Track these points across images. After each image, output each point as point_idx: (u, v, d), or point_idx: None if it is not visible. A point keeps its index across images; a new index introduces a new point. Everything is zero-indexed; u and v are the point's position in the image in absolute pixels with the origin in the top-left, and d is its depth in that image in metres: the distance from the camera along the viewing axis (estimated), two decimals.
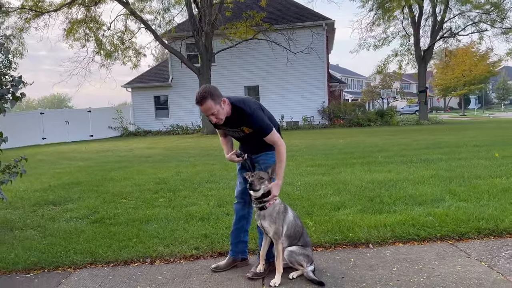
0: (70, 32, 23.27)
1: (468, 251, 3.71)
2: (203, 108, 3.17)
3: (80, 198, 6.70)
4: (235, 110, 3.27)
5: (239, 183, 3.68)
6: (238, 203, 3.70)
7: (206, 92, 3.14)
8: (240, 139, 3.53)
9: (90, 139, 24.66)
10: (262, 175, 3.26)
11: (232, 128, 3.40)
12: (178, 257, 3.96)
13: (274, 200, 3.30)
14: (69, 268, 3.90)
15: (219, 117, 3.23)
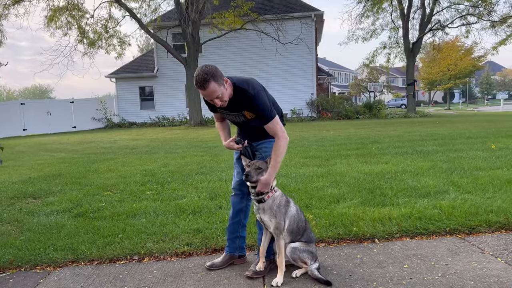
0: (52, 20, 22.46)
1: (481, 246, 3.47)
2: (206, 92, 2.78)
3: (61, 191, 6.30)
4: (238, 92, 2.92)
5: (237, 173, 3.35)
6: (236, 196, 3.37)
7: (208, 74, 2.74)
8: (240, 124, 3.17)
9: (73, 131, 23.99)
10: (260, 164, 2.94)
11: (233, 112, 3.04)
12: (169, 254, 3.64)
13: (273, 193, 3.00)
14: (48, 267, 3.54)
15: (224, 99, 2.85)
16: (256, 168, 2.90)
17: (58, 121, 23.89)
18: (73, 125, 24.65)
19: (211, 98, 2.82)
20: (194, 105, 21.24)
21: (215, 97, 2.80)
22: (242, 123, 3.13)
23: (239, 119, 3.07)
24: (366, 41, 27.98)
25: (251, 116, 2.99)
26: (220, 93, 2.79)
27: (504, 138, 9.93)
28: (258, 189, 2.91)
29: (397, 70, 70.00)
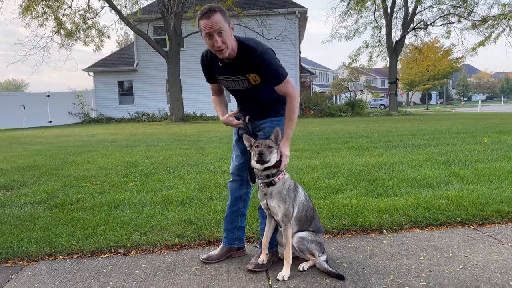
0: (27, 10, 21.55)
1: (497, 237, 3.24)
2: (209, 22, 2.43)
3: (36, 182, 5.83)
4: (243, 49, 2.58)
5: (236, 156, 3.01)
6: (234, 182, 3.03)
7: (215, 6, 2.46)
8: (241, 94, 2.80)
9: (48, 125, 23.09)
10: (269, 143, 2.61)
11: (235, 75, 2.67)
12: (159, 247, 3.28)
13: (283, 175, 2.68)
14: (21, 261, 3.14)
15: (226, 40, 2.49)
16: (268, 147, 2.57)
17: (32, 115, 22.95)
18: (49, 120, 23.74)
19: (213, 30, 2.45)
20: (176, 100, 20.72)
21: (217, 31, 2.44)
22: (243, 92, 2.76)
23: (241, 84, 2.70)
24: (349, 39, 28.03)
25: (255, 81, 2.65)
26: (223, 27, 2.45)
27: (494, 133, 9.91)
28: (285, 152, 2.63)
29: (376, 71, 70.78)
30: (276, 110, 2.81)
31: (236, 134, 2.98)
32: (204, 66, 2.81)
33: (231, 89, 2.82)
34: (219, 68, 2.73)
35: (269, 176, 2.62)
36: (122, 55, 27.66)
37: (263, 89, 2.70)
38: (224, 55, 2.55)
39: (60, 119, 24.03)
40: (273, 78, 2.62)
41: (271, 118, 2.84)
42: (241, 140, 2.87)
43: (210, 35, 2.47)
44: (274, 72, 2.59)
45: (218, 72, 2.77)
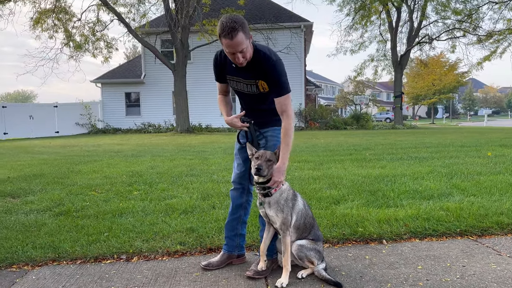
0: (38, 22, 21.96)
1: (496, 248, 3.26)
2: (232, 43, 2.47)
3: (42, 190, 5.92)
4: (257, 55, 2.66)
5: (237, 165, 3.07)
6: (235, 190, 3.09)
7: (237, 22, 2.45)
8: (247, 100, 2.87)
9: (55, 136, 23.35)
10: (270, 156, 2.68)
11: (246, 79, 2.74)
12: (160, 254, 3.33)
13: (281, 185, 2.73)
14: (26, 266, 3.20)
15: (246, 55, 2.57)
16: (267, 160, 2.63)
17: (40, 125, 23.25)
18: (56, 130, 24.01)
19: (235, 51, 2.52)
20: (182, 112, 20.90)
21: (239, 51, 2.52)
22: (250, 97, 2.82)
23: (250, 89, 2.77)
24: (355, 53, 28.20)
25: (263, 89, 2.73)
26: (245, 46, 2.52)
27: (498, 147, 9.89)
28: (275, 179, 2.63)
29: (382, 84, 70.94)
30: (279, 120, 2.84)
31: (239, 143, 3.04)
32: (217, 66, 2.87)
33: (239, 91, 2.86)
34: (232, 69, 2.79)
35: (265, 188, 2.67)
36: (129, 67, 28.00)
37: (269, 98, 2.77)
38: (242, 65, 2.63)
39: (67, 130, 24.29)
40: (277, 89, 2.69)
41: (274, 126, 2.91)
42: (244, 149, 2.94)
43: (233, 53, 2.56)
44: (280, 84, 2.68)
45: (231, 72, 2.82)
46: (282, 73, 2.67)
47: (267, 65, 2.64)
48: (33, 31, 22.31)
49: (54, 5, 21.91)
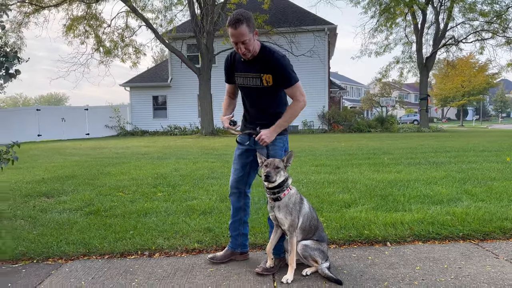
0: (70, 28, 22.97)
1: (495, 252, 3.42)
2: (236, 32, 2.83)
3: (74, 191, 6.37)
4: (264, 51, 2.99)
5: (235, 170, 3.37)
6: (233, 194, 3.40)
7: (243, 16, 2.83)
8: (252, 96, 3.15)
9: (86, 137, 24.27)
10: (278, 163, 2.94)
11: (251, 72, 3.04)
12: (179, 251, 3.65)
13: (289, 190, 3.00)
14: (60, 259, 3.58)
15: (249, 47, 2.90)
16: (275, 168, 2.90)
17: (72, 127, 24.23)
18: (87, 132, 24.96)
19: (238, 40, 2.85)
20: (206, 114, 21.38)
21: (241, 41, 2.85)
22: (254, 91, 3.10)
23: (255, 82, 3.06)
24: (379, 55, 28.10)
25: (267, 82, 3.01)
26: (247, 38, 2.84)
27: None
28: (258, 138, 2.95)
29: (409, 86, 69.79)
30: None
31: (239, 149, 3.32)
32: (227, 66, 3.20)
33: (245, 86, 3.13)
34: (241, 64, 3.10)
35: (275, 193, 2.95)
36: (157, 71, 28.78)
37: (271, 94, 3.06)
38: (247, 56, 2.96)
39: (97, 132, 25.20)
40: (285, 81, 2.99)
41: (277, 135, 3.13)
42: (242, 155, 3.28)
43: (236, 43, 2.90)
44: (287, 75, 2.97)
45: (239, 69, 3.13)
46: (288, 65, 2.98)
47: (273, 59, 2.95)
48: (66, 37, 23.34)
49: (86, 12, 22.85)
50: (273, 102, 3.12)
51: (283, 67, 2.96)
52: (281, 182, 2.92)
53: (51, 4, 21.79)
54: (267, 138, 2.99)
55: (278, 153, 3.12)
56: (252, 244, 3.71)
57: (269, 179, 2.87)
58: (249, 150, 3.27)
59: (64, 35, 23.32)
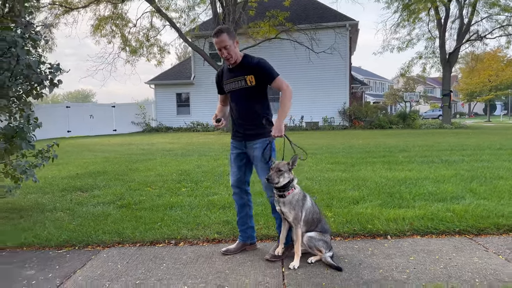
0: (97, 28, 23.86)
1: (486, 245, 3.76)
2: (218, 40, 3.40)
3: (106, 186, 6.95)
4: (245, 58, 3.56)
5: (232, 172, 3.82)
6: (235, 194, 3.84)
7: (223, 27, 3.45)
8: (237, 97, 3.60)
9: (113, 134, 25.22)
10: (281, 167, 3.38)
11: (237, 76, 3.54)
12: (201, 240, 4.13)
13: (293, 190, 3.42)
14: (98, 247, 4.10)
15: (230, 53, 3.43)
16: (277, 171, 3.34)
17: (100, 124, 25.22)
18: (114, 128, 25.91)
19: (221, 46, 3.41)
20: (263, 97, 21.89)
21: (223, 47, 3.40)
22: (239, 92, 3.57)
23: (240, 84, 3.54)
24: (402, 50, 27.82)
25: (251, 82, 3.50)
26: (228, 44, 3.40)
27: None
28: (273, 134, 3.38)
29: (434, 80, 68.59)
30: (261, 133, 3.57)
31: (233, 154, 3.77)
32: (218, 79, 3.78)
33: (232, 90, 3.62)
34: (227, 73, 3.64)
35: (280, 191, 3.39)
36: (180, 69, 29.49)
37: (255, 94, 3.55)
38: (231, 62, 3.51)
39: (124, 128, 26.14)
40: (266, 77, 3.50)
41: (261, 139, 3.58)
42: (237, 159, 3.74)
43: (219, 49, 3.47)
44: (267, 72, 3.50)
45: (226, 77, 3.65)
46: (267, 64, 3.52)
47: (252, 62, 3.52)
48: (94, 37, 24.26)
49: (112, 11, 23.68)
50: (257, 102, 3.58)
51: (262, 65, 3.51)
52: (286, 183, 3.35)
53: (80, 6, 22.68)
54: (278, 132, 3.39)
55: (259, 153, 3.56)
56: (264, 235, 4.15)
57: (270, 181, 3.32)
58: (241, 153, 3.72)
59: (92, 35, 24.25)
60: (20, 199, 6.13)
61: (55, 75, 4.43)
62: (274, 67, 3.57)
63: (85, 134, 24.16)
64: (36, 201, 6.05)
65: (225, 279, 3.22)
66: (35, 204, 5.84)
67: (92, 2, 22.86)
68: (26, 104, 4.62)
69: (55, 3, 22.06)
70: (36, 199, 6.17)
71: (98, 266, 3.59)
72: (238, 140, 3.71)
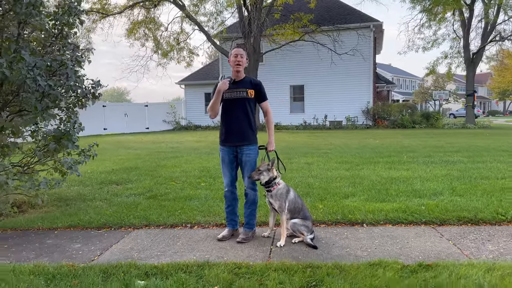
0: (132, 32, 25.35)
1: (443, 233, 4.54)
2: (238, 49, 4.42)
3: (137, 180, 8.05)
4: (247, 77, 4.56)
5: (224, 174, 4.68)
6: (229, 191, 4.68)
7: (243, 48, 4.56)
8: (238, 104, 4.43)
9: (146, 131, 26.72)
10: (261, 167, 4.32)
11: (240, 88, 4.43)
12: (212, 225, 5.10)
13: (277, 185, 4.35)
14: (129, 228, 5.14)
15: (243, 61, 4.40)
16: (258, 171, 4.32)
17: (133, 122, 26.78)
18: (146, 126, 27.44)
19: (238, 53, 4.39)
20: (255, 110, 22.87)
21: (240, 54, 4.40)
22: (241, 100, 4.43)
23: (242, 94, 4.43)
24: (427, 50, 27.96)
25: (250, 95, 4.44)
26: (244, 55, 4.44)
27: None
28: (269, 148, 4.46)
29: None
30: (253, 139, 4.50)
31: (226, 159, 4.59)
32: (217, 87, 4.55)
33: (233, 98, 4.44)
34: (230, 85, 4.44)
35: (266, 187, 4.32)
36: (209, 69, 30.75)
37: (251, 104, 4.47)
38: (239, 69, 4.41)
39: (156, 126, 27.62)
40: (262, 96, 4.52)
41: (251, 145, 4.50)
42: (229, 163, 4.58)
43: (237, 55, 4.39)
44: (263, 92, 4.54)
45: (229, 88, 4.44)
46: (263, 86, 4.54)
47: (255, 81, 4.54)
48: (128, 40, 25.78)
49: (145, 16, 25.11)
50: (251, 111, 4.49)
51: (262, 86, 4.55)
52: (268, 180, 4.28)
53: (115, 11, 24.20)
54: (272, 147, 4.45)
55: (253, 158, 4.48)
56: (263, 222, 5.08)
57: (251, 179, 4.34)
58: (233, 158, 4.57)
59: (126, 38, 25.77)
60: (65, 190, 7.30)
61: (97, 89, 5.51)
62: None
63: (120, 132, 25.74)
64: (78, 192, 7.19)
65: (225, 253, 4.17)
66: (78, 195, 6.98)
67: (127, 8, 24.33)
68: (73, 113, 5.72)
69: (92, 10, 23.64)
70: (78, 190, 7.32)
71: (129, 242, 4.62)
72: (231, 145, 4.53)
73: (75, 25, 5.90)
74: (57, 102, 5.40)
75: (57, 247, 4.55)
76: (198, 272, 3.53)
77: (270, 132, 4.48)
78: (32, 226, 5.30)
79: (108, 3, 23.97)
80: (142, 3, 24.26)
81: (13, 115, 5.82)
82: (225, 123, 4.57)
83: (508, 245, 4.12)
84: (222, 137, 4.63)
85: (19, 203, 6.37)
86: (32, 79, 4.72)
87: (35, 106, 4.91)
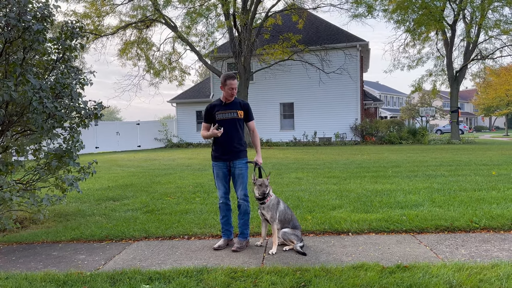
0: (124, 51, 25.84)
1: (422, 240, 4.94)
2: (235, 82, 4.86)
3: (133, 196, 8.36)
4: (236, 99, 5.00)
5: (219, 187, 5.07)
6: (223, 203, 5.07)
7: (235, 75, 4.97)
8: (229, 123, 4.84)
9: (138, 149, 26.97)
10: (261, 182, 4.70)
11: (231, 109, 4.88)
12: (208, 236, 5.44)
13: (270, 197, 4.74)
14: (130, 240, 5.45)
15: (234, 93, 4.88)
16: (259, 185, 4.70)
17: (125, 140, 27.04)
18: (138, 144, 27.71)
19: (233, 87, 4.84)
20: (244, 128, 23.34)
21: (235, 88, 4.88)
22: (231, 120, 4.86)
23: (232, 115, 4.87)
24: (412, 69, 28.89)
25: (240, 115, 4.89)
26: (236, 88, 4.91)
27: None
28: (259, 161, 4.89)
29: None
30: (244, 154, 4.94)
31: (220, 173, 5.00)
32: (208, 111, 5.01)
33: (225, 119, 4.87)
34: (221, 107, 4.91)
35: (260, 200, 4.70)
36: (200, 88, 31.29)
37: (241, 124, 4.92)
38: (231, 98, 4.89)
39: (147, 144, 27.91)
40: (250, 116, 4.98)
41: (242, 159, 4.93)
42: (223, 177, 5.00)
43: (233, 89, 4.83)
44: (251, 112, 4.99)
45: (219, 109, 4.90)
46: (250, 109, 4.99)
47: (244, 103, 4.97)
48: (120, 60, 26.23)
49: (137, 36, 25.65)
50: (241, 129, 4.94)
51: (249, 107, 5.02)
52: (265, 194, 4.67)
53: (108, 32, 24.71)
54: (260, 161, 4.88)
55: (244, 172, 4.93)
56: (256, 232, 5.43)
57: (266, 196, 4.66)
58: (226, 172, 4.98)
59: (119, 58, 26.24)
60: (64, 206, 7.58)
61: (99, 110, 5.89)
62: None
63: (111, 150, 25.95)
64: (78, 208, 7.48)
65: (222, 260, 4.51)
66: (77, 211, 7.27)
67: (120, 29, 24.86)
68: (77, 132, 6.07)
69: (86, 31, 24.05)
70: (77, 206, 7.61)
71: (131, 253, 4.94)
72: (224, 161, 4.94)
73: (77, 49, 6.31)
74: (62, 123, 5.76)
75: (62, 258, 4.85)
76: (198, 276, 3.88)
77: (258, 149, 4.96)
78: (37, 240, 5.59)
79: (101, 24, 24.48)
80: (134, 24, 24.82)
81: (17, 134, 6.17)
82: (218, 141, 4.95)
83: (479, 249, 4.53)
84: (215, 153, 5.02)
85: (20, 219, 6.65)
86: (38, 101, 5.08)
87: (41, 127, 5.25)
